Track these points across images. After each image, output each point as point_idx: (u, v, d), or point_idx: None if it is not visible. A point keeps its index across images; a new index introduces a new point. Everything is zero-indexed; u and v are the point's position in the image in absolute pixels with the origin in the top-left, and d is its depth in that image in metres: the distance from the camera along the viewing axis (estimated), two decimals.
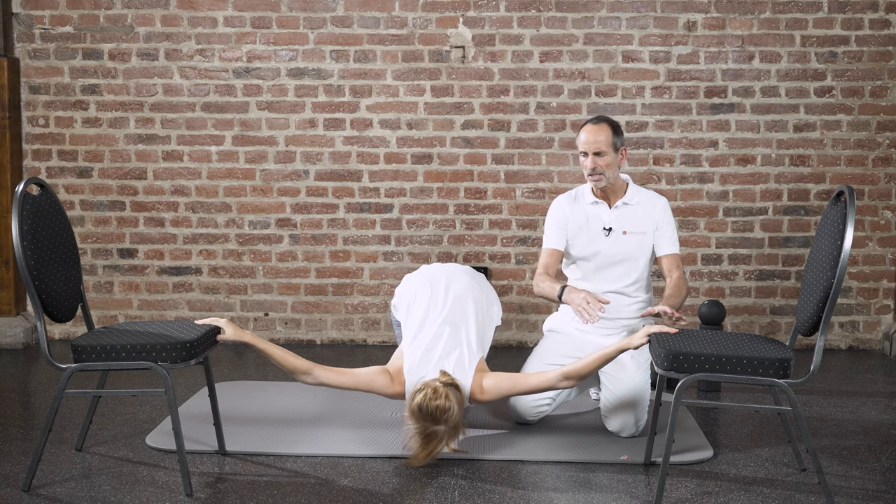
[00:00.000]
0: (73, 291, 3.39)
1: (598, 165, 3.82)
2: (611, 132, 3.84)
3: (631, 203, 3.93)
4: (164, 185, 5.47)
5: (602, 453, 3.57)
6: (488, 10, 5.34)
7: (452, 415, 3.36)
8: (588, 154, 3.84)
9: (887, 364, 5.15)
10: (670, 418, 3.03)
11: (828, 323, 3.04)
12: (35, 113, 5.43)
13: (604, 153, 3.82)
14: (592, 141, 3.83)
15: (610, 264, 3.90)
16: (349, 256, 5.48)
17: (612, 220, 3.92)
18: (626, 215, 3.92)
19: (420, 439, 3.39)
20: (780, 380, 3.03)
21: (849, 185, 3.07)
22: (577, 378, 3.49)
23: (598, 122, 3.88)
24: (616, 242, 3.90)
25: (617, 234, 3.90)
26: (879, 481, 3.35)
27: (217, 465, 3.43)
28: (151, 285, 5.52)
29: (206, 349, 3.34)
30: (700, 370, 3.06)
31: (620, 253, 3.89)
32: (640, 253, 3.90)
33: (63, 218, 3.42)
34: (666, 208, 3.94)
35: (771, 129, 5.36)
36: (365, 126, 5.42)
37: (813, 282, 3.11)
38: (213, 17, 5.38)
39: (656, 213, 3.91)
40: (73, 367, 3.16)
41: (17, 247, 3.11)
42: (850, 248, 2.95)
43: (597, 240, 3.91)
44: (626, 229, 3.90)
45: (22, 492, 3.15)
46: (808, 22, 5.29)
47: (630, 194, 3.95)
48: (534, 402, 3.82)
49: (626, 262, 3.90)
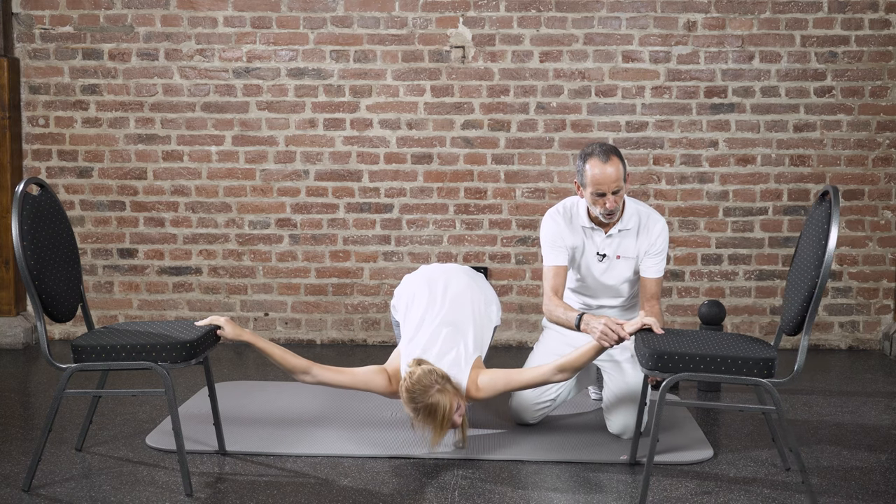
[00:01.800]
0: (73, 291, 3.39)
1: (618, 204, 3.61)
2: (621, 164, 3.61)
3: (628, 228, 3.76)
4: (164, 185, 5.47)
5: (602, 453, 3.57)
6: (488, 10, 5.34)
7: (436, 377, 3.42)
8: (606, 193, 3.58)
9: (887, 364, 5.15)
10: (654, 418, 3.05)
11: (812, 322, 3.05)
12: (35, 113, 5.43)
13: (620, 189, 3.61)
14: (609, 180, 3.56)
15: (602, 286, 3.86)
16: (349, 256, 5.49)
17: (606, 247, 3.79)
18: (622, 240, 3.78)
19: (424, 417, 3.41)
20: (763, 379, 3.05)
21: (834, 186, 3.11)
22: (572, 370, 3.49)
23: (608, 157, 3.58)
24: (609, 267, 3.81)
25: (611, 259, 3.80)
26: (879, 481, 3.35)
27: (217, 465, 3.43)
28: (151, 285, 5.52)
29: (206, 349, 3.34)
30: (684, 370, 3.07)
31: (613, 277, 3.83)
32: (633, 275, 3.83)
33: (63, 218, 3.42)
34: (662, 233, 3.77)
35: (771, 129, 5.36)
36: (365, 126, 5.42)
37: (797, 281, 3.13)
38: (213, 17, 5.38)
39: (652, 237, 3.76)
40: (73, 367, 3.16)
41: (17, 247, 3.11)
42: (834, 248, 2.96)
43: (591, 264, 3.82)
44: (620, 254, 3.79)
45: (22, 492, 3.16)
46: (808, 22, 5.29)
47: (627, 217, 3.76)
48: (534, 403, 3.82)
49: (620, 284, 3.84)
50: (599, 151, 3.60)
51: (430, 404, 3.40)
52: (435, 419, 3.40)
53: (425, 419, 3.42)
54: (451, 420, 3.42)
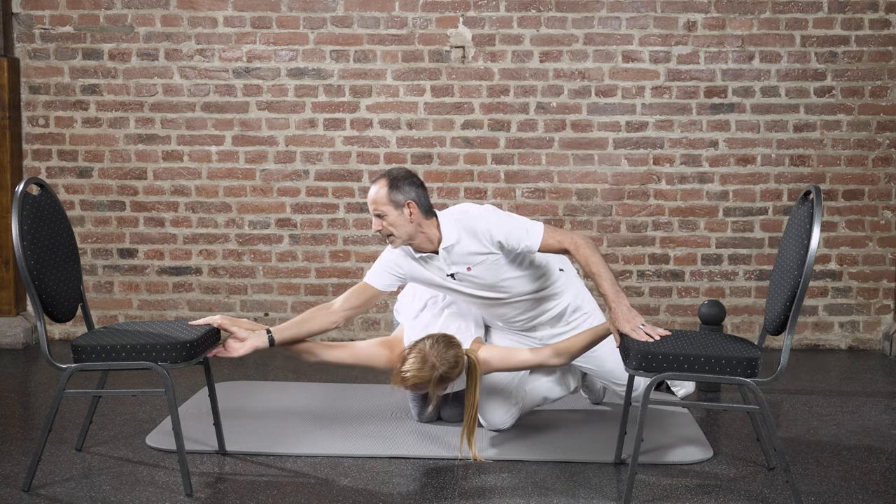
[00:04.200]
0: (74, 291, 3.39)
1: (384, 227, 3.45)
2: (388, 190, 3.44)
3: (454, 243, 3.51)
4: (164, 185, 5.47)
5: (602, 453, 3.56)
6: (488, 10, 5.34)
7: (430, 344, 3.44)
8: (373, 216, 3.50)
9: (887, 364, 5.15)
10: (640, 417, 3.06)
11: (795, 322, 3.05)
12: (35, 113, 5.43)
13: (384, 215, 3.45)
14: (370, 200, 3.47)
15: (482, 296, 3.63)
16: (349, 256, 5.48)
17: (447, 266, 3.55)
18: (460, 254, 3.53)
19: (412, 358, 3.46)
20: (747, 378, 3.06)
21: (816, 185, 3.12)
22: (568, 355, 3.50)
23: (379, 179, 3.49)
24: (467, 278, 3.56)
25: (462, 274, 3.55)
26: (879, 481, 3.35)
27: (217, 465, 3.43)
28: (151, 285, 5.52)
29: (206, 349, 3.34)
30: (669, 369, 3.08)
31: (480, 286, 3.59)
32: (503, 270, 3.57)
33: (63, 218, 3.42)
34: (485, 219, 3.50)
35: (771, 129, 5.36)
36: (365, 126, 5.42)
37: (780, 281, 3.14)
38: (213, 17, 5.38)
39: (480, 232, 3.49)
40: (73, 367, 3.16)
41: (17, 247, 3.11)
42: (816, 248, 2.97)
43: (449, 285, 3.60)
44: (469, 264, 3.53)
45: (22, 492, 3.16)
46: (808, 22, 5.29)
47: (447, 234, 3.51)
48: (502, 412, 3.80)
49: (495, 285, 3.59)
50: (379, 175, 3.54)
51: (423, 351, 3.43)
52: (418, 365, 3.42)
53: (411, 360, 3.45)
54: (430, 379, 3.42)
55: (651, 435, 3.70)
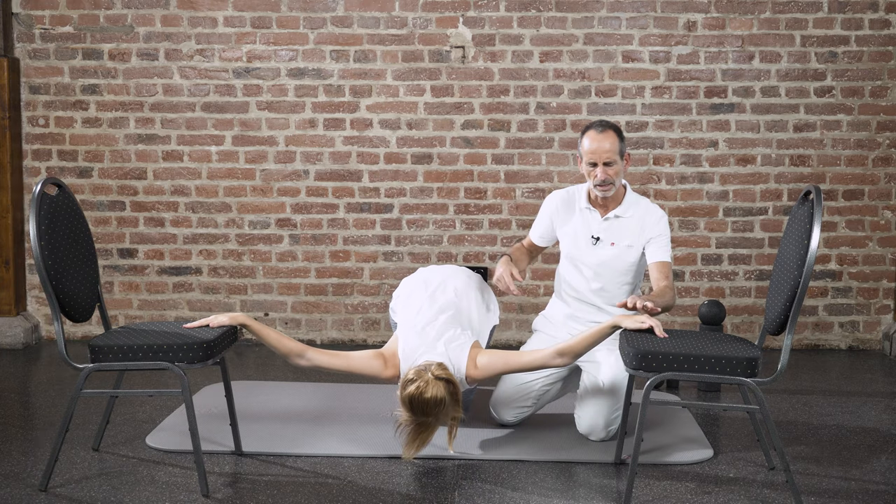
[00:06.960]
0: (91, 292, 3.39)
1: (609, 176, 3.65)
2: (617, 139, 3.67)
3: (624, 216, 3.76)
4: (164, 185, 5.47)
5: (602, 453, 3.57)
6: (488, 10, 5.34)
7: (444, 407, 3.32)
8: (598, 164, 3.66)
9: (887, 364, 5.15)
10: (639, 417, 3.06)
11: (795, 322, 3.05)
12: (35, 113, 5.43)
13: (613, 162, 3.66)
14: (602, 150, 3.64)
15: (592, 272, 3.80)
16: (349, 256, 5.49)
17: (601, 231, 3.78)
18: (618, 227, 3.77)
19: (411, 429, 3.35)
20: (747, 378, 3.06)
21: (816, 185, 3.12)
22: (571, 355, 3.45)
23: (604, 129, 3.68)
24: (603, 252, 3.77)
25: (605, 245, 3.77)
26: (879, 481, 3.35)
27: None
28: (151, 285, 5.52)
29: (224, 349, 3.33)
30: (668, 369, 3.08)
31: (604, 264, 3.77)
32: (625, 266, 3.77)
33: (81, 218, 3.43)
34: (661, 221, 3.75)
35: (771, 129, 5.36)
36: (365, 126, 5.42)
37: (780, 281, 3.14)
38: (213, 17, 5.38)
39: (649, 225, 3.73)
40: (90, 367, 3.16)
41: (35, 247, 3.11)
42: (816, 248, 2.97)
43: (584, 246, 3.80)
44: (614, 241, 3.76)
45: (39, 491, 3.15)
46: (808, 22, 5.29)
47: (626, 205, 3.78)
48: (515, 403, 3.81)
49: (611, 272, 3.77)
50: (597, 124, 3.72)
51: (423, 422, 3.32)
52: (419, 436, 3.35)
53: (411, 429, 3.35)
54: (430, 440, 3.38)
55: (651, 435, 3.71)
